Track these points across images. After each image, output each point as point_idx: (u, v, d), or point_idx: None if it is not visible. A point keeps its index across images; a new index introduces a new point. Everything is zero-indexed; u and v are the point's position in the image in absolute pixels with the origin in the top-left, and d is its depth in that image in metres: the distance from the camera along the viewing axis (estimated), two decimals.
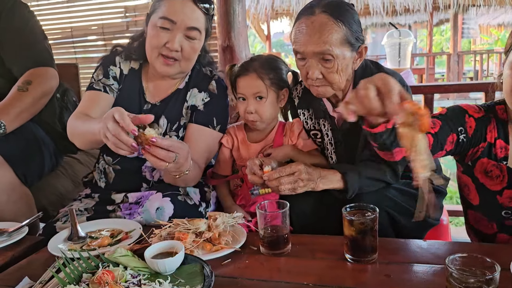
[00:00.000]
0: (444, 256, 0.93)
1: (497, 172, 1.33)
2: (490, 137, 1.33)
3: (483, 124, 1.33)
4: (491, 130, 1.33)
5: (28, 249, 1.36)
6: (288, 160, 1.60)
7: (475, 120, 1.33)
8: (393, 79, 1.04)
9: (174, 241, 1.17)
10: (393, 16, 9.84)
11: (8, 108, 1.75)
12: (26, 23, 1.94)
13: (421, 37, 19.37)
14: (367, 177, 1.44)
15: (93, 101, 1.63)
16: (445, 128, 1.32)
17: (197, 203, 1.59)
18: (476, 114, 1.34)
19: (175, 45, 1.51)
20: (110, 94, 1.66)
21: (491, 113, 1.35)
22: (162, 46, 1.53)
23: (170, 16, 1.50)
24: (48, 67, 1.93)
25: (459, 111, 1.36)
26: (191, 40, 1.55)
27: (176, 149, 1.25)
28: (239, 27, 2.53)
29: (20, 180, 1.77)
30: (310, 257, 1.20)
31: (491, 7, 9.12)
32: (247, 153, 1.70)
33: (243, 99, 1.63)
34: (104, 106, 1.63)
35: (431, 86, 2.55)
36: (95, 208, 1.59)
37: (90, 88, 1.67)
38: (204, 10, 1.55)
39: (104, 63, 1.70)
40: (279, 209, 1.25)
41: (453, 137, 1.32)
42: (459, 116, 1.34)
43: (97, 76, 1.68)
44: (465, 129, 1.33)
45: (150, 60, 1.60)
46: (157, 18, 1.52)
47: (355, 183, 1.41)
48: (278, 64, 1.66)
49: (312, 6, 1.43)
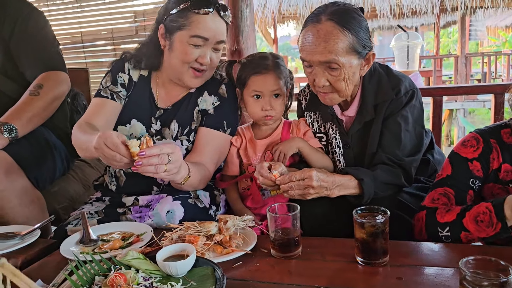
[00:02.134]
0: (456, 259, 0.92)
1: (504, 194, 1.32)
2: (493, 165, 1.33)
3: (486, 157, 1.34)
4: (494, 157, 1.33)
5: (40, 252, 1.38)
6: (297, 152, 1.60)
7: (477, 160, 1.34)
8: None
9: (186, 244, 1.18)
10: (400, 18, 9.82)
11: (20, 113, 1.77)
12: (40, 30, 1.98)
13: (428, 39, 19.29)
14: (382, 181, 1.44)
15: (99, 108, 1.64)
16: (461, 194, 1.33)
17: (207, 206, 1.60)
18: (477, 152, 1.34)
19: (207, 60, 1.55)
20: (118, 101, 1.66)
21: (493, 138, 1.34)
22: (192, 61, 1.55)
23: (203, 34, 1.52)
24: (59, 71, 1.95)
25: (461, 164, 1.36)
26: (217, 51, 1.60)
27: (164, 149, 1.25)
28: (248, 31, 2.54)
29: (32, 184, 1.78)
30: (321, 260, 1.20)
31: (498, 8, 9.07)
32: (254, 150, 1.72)
33: (257, 97, 1.64)
34: (110, 114, 1.64)
35: (440, 89, 2.55)
36: (105, 211, 1.60)
37: (97, 95, 1.67)
38: (226, 20, 1.59)
39: (113, 70, 1.71)
40: (289, 212, 1.25)
41: (470, 193, 1.34)
42: (464, 170, 1.35)
43: (105, 83, 1.69)
44: (475, 176, 1.34)
45: (177, 74, 1.60)
46: (188, 36, 1.52)
47: (371, 189, 1.41)
48: (283, 63, 1.69)
49: (319, 13, 1.42)
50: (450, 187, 1.34)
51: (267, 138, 1.72)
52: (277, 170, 1.39)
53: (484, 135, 1.35)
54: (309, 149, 1.61)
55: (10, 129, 1.70)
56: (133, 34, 3.14)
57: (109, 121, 1.64)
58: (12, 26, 1.91)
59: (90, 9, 3.22)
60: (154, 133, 1.66)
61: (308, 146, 1.61)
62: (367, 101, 1.53)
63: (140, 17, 3.09)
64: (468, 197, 1.34)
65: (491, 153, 1.33)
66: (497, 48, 14.30)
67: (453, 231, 1.24)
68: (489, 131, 1.36)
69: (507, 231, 1.16)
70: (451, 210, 1.27)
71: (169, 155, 1.25)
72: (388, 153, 1.49)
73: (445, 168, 1.38)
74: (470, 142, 1.36)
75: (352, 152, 1.61)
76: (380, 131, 1.53)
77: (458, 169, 1.36)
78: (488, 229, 1.17)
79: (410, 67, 6.72)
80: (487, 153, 1.33)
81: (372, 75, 1.55)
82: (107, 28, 3.20)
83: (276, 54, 1.72)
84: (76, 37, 3.28)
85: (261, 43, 19.15)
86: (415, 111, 1.54)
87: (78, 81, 2.35)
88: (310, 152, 1.60)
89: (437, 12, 8.95)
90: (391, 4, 8.36)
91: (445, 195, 1.34)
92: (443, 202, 1.33)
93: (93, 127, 1.53)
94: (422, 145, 1.58)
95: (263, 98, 1.63)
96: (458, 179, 1.34)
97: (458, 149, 1.38)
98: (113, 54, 3.20)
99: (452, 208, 1.28)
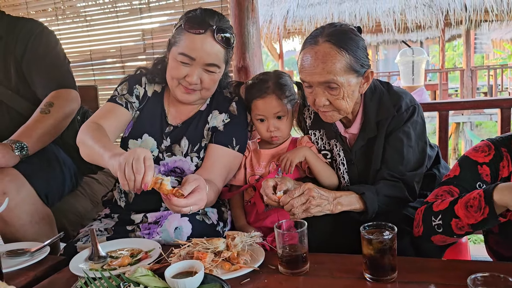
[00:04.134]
0: (464, 275, 0.92)
1: None
2: (503, 173, 1.33)
3: (496, 163, 1.33)
4: (504, 165, 1.33)
5: (50, 268, 1.39)
6: (303, 159, 1.62)
7: (488, 165, 1.33)
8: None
9: (194, 261, 1.18)
10: (404, 33, 9.89)
11: (31, 131, 1.80)
12: (51, 49, 2.02)
13: (433, 53, 19.34)
14: (384, 195, 1.45)
15: (111, 113, 1.65)
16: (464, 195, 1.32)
17: (215, 223, 1.61)
18: (488, 158, 1.34)
19: (194, 79, 1.55)
20: (130, 111, 1.68)
21: (504, 147, 1.34)
22: (181, 78, 1.57)
23: (189, 53, 1.52)
24: (70, 89, 1.98)
25: (470, 166, 1.35)
26: (211, 73, 1.58)
27: (191, 201, 1.27)
28: (254, 47, 2.57)
29: (42, 201, 1.80)
30: (329, 277, 1.20)
31: (503, 22, 9.11)
32: (258, 160, 1.75)
33: (262, 120, 1.68)
34: (120, 121, 1.66)
35: (446, 103, 2.55)
36: (114, 228, 1.61)
37: (112, 100, 1.68)
38: (224, 45, 1.55)
39: (130, 80, 1.73)
40: (297, 228, 1.26)
41: None
42: (473, 172, 1.34)
43: (121, 90, 1.70)
44: (483, 180, 1.33)
45: (171, 88, 1.63)
46: (176, 53, 1.54)
47: (374, 203, 1.42)
48: (287, 80, 1.71)
49: (316, 35, 1.45)
50: (456, 186, 1.33)
51: (272, 149, 1.76)
52: (281, 191, 1.40)
53: (496, 143, 1.36)
54: (315, 158, 1.63)
55: (22, 147, 1.72)
56: (141, 52, 3.19)
57: (118, 127, 1.65)
58: (24, 46, 1.95)
59: (99, 28, 3.28)
60: (165, 149, 1.68)
61: (314, 155, 1.64)
62: (369, 118, 1.55)
63: (148, 35, 3.13)
64: None
65: (502, 161, 1.33)
66: (503, 61, 14.29)
67: (445, 219, 1.22)
68: (501, 140, 1.37)
69: (494, 216, 1.12)
70: (446, 200, 1.26)
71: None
72: (391, 169, 1.51)
73: (454, 170, 1.38)
74: (482, 148, 1.36)
75: (356, 169, 1.62)
76: (383, 147, 1.54)
77: (466, 171, 1.35)
78: (476, 214, 1.15)
79: (416, 82, 6.74)
80: (498, 161, 1.33)
81: (373, 92, 1.57)
82: (116, 46, 3.25)
83: (279, 73, 1.75)
84: (85, 55, 3.33)
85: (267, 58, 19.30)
86: (417, 127, 1.55)
87: (87, 98, 2.38)
88: (315, 162, 1.62)
89: (441, 26, 9.01)
90: (396, 19, 8.42)
91: (449, 192, 1.33)
92: (445, 198, 1.32)
93: (102, 131, 1.53)
94: (425, 160, 1.58)
95: (267, 120, 1.68)
96: (465, 180, 1.34)
97: (469, 153, 1.38)
98: (121, 72, 3.24)
99: (448, 198, 1.27)
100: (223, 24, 1.56)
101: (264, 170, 1.74)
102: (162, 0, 3.08)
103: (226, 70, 1.69)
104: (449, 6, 8.17)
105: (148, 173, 1.21)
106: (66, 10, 3.34)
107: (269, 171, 1.72)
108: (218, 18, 1.56)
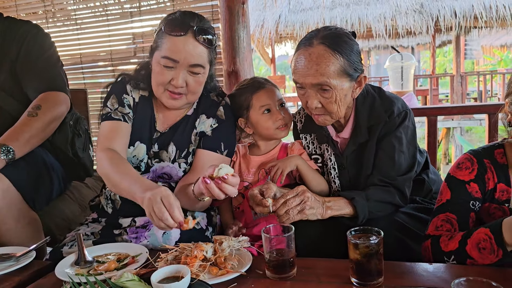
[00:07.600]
0: (450, 280, 0.93)
1: (500, 213, 1.34)
2: (489, 185, 1.35)
3: (481, 178, 1.35)
4: (489, 177, 1.34)
5: (35, 273, 1.37)
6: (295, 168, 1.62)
7: (474, 181, 1.34)
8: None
9: (180, 265, 1.18)
10: (395, 38, 9.99)
11: (18, 134, 1.76)
12: (45, 51, 2.00)
13: (424, 59, 19.54)
14: (375, 200, 1.45)
15: (114, 132, 1.61)
16: (463, 218, 1.33)
17: (203, 228, 1.60)
18: (473, 174, 1.35)
19: (179, 82, 1.53)
20: (129, 123, 1.66)
21: (487, 158, 1.35)
22: (167, 83, 1.55)
23: (172, 56, 1.51)
24: (59, 92, 1.95)
25: (459, 187, 1.36)
26: (196, 75, 1.56)
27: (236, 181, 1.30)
28: (244, 52, 2.58)
29: (29, 206, 1.78)
30: (316, 281, 1.20)
31: (492, 28, 9.24)
32: (247, 166, 1.74)
33: (268, 111, 1.69)
34: (125, 136, 1.64)
35: (435, 109, 2.58)
36: (101, 232, 1.60)
37: (108, 118, 1.63)
38: (206, 45, 1.54)
39: (116, 92, 1.69)
40: (284, 233, 1.26)
41: (472, 216, 1.35)
42: (463, 193, 1.35)
43: (112, 105, 1.66)
44: (475, 198, 1.34)
45: (157, 95, 1.62)
46: (159, 57, 1.52)
47: (364, 208, 1.42)
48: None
49: (311, 37, 1.45)
50: (452, 212, 1.34)
51: (262, 155, 1.74)
52: (269, 196, 1.39)
53: (478, 156, 1.37)
54: (306, 167, 1.62)
55: (8, 150, 1.69)
56: (132, 56, 3.19)
57: (126, 143, 1.64)
58: (19, 47, 1.94)
59: (89, 31, 3.27)
60: (153, 155, 1.67)
61: (305, 164, 1.63)
62: (361, 123, 1.56)
63: (138, 39, 3.14)
64: (470, 220, 1.34)
65: (486, 173, 1.34)
66: (493, 67, 14.47)
67: (458, 259, 1.23)
68: (483, 152, 1.38)
69: (509, 255, 1.15)
70: (453, 237, 1.27)
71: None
72: (383, 174, 1.51)
73: (444, 193, 1.39)
74: (465, 164, 1.37)
75: (348, 174, 1.62)
76: (374, 152, 1.55)
77: (457, 193, 1.36)
78: (491, 256, 1.17)
79: (405, 87, 6.79)
80: (482, 174, 1.34)
81: (365, 97, 1.58)
82: (106, 49, 3.25)
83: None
84: (76, 58, 3.32)
85: (259, 62, 19.38)
86: (409, 132, 1.56)
87: (76, 102, 2.36)
88: (307, 171, 1.62)
89: (432, 32, 9.10)
90: (387, 24, 8.51)
91: (447, 221, 1.33)
92: (446, 229, 1.33)
93: (120, 159, 1.52)
94: (415, 165, 1.59)
95: (272, 110, 1.69)
96: (458, 203, 1.35)
97: (454, 172, 1.39)
98: (112, 75, 3.23)
99: (454, 235, 1.28)
100: (204, 24, 1.55)
101: (254, 178, 1.74)
102: (153, 4, 3.10)
103: (211, 72, 1.67)
104: (439, 12, 8.28)
105: (175, 211, 1.24)
106: (57, 13, 3.33)
107: (258, 178, 1.72)
108: (199, 19, 1.55)
